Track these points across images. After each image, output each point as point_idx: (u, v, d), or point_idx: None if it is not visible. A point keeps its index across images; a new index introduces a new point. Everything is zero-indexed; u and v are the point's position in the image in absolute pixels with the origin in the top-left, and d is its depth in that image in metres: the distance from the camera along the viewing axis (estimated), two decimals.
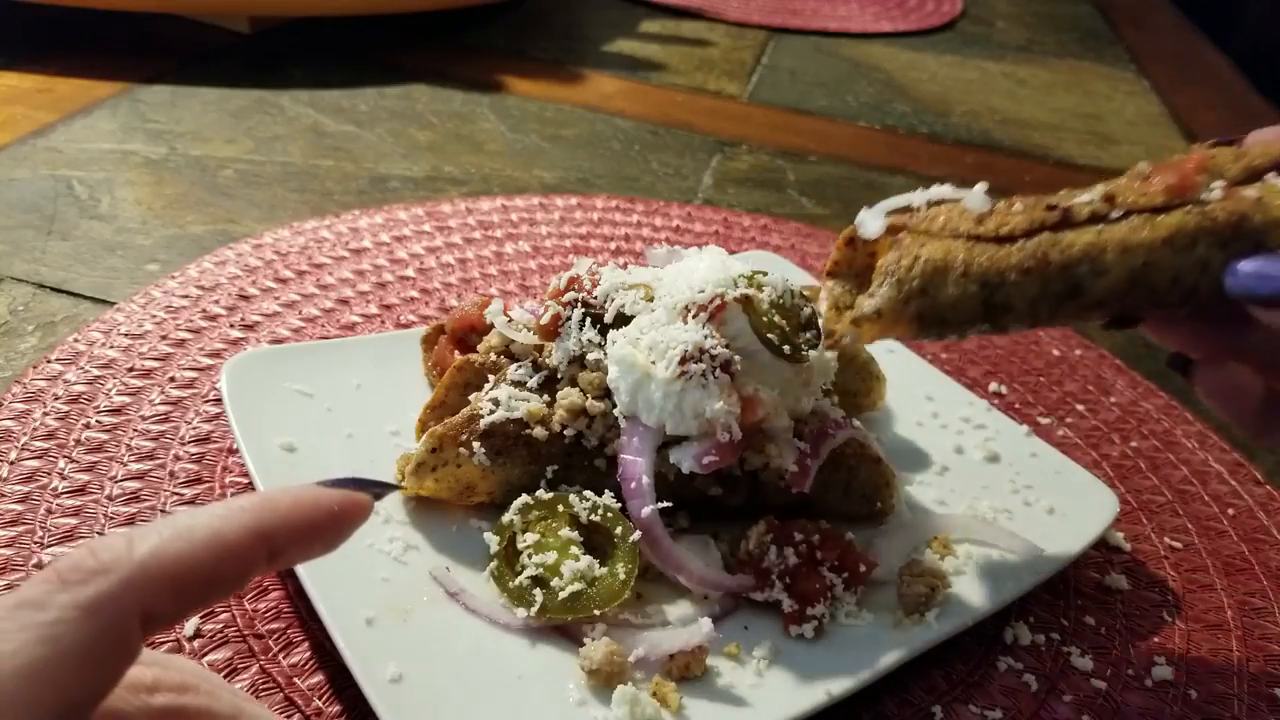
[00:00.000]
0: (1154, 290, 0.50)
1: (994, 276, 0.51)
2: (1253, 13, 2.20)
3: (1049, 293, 0.51)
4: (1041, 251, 0.51)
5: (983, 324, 0.53)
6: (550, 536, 0.61)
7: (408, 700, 0.52)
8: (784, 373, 0.64)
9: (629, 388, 0.62)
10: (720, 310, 0.62)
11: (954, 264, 0.52)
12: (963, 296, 0.52)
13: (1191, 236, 0.49)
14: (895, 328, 0.54)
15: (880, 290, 0.54)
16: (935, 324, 0.53)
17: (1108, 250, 0.50)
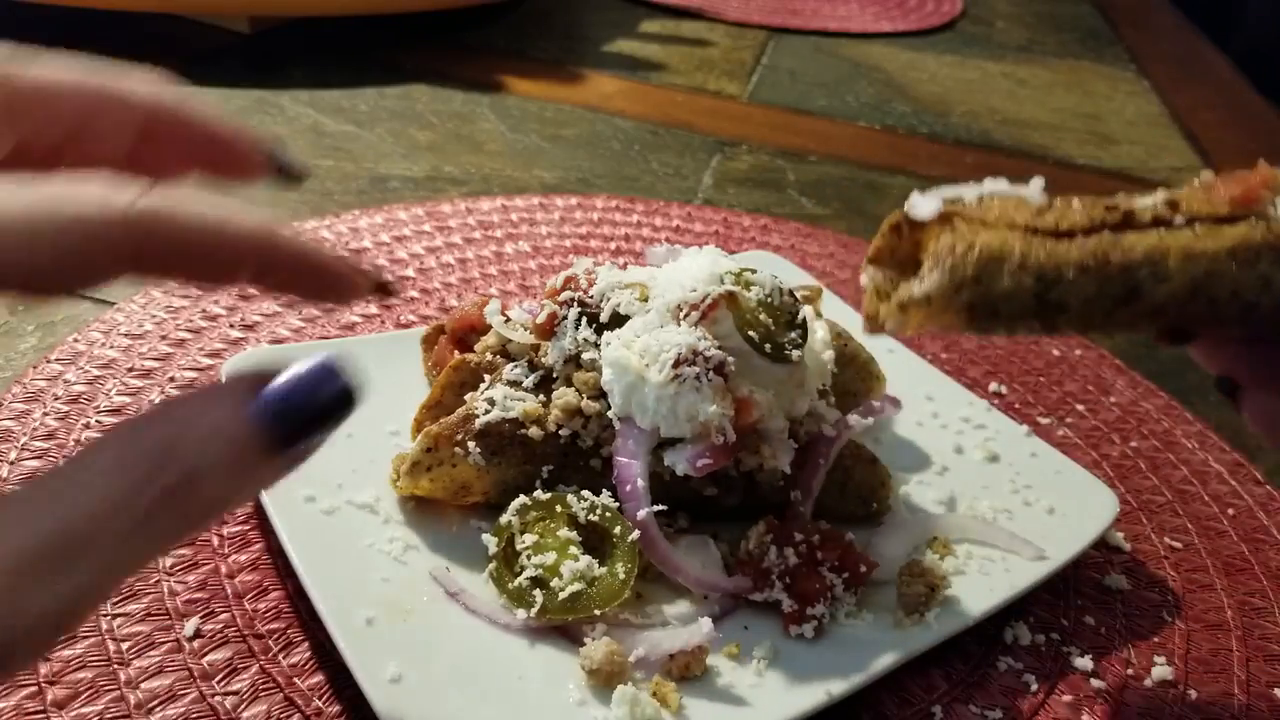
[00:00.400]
0: (1214, 302, 0.48)
1: (1051, 271, 0.49)
2: (1253, 13, 2.20)
3: (1106, 294, 0.49)
4: (1102, 250, 0.49)
5: (1034, 321, 0.51)
6: (549, 537, 0.61)
7: (408, 700, 0.52)
8: (778, 374, 0.64)
9: (623, 390, 0.62)
10: (713, 309, 0.62)
11: (1010, 254, 0.50)
12: (1017, 289, 0.50)
13: (1256, 251, 0.48)
14: (944, 316, 0.52)
15: (932, 275, 0.52)
16: (986, 316, 0.51)
17: (1170, 255, 0.48)
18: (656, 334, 0.62)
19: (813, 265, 1.06)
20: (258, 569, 0.63)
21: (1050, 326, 0.51)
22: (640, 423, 0.62)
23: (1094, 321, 0.50)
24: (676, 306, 0.63)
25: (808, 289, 0.82)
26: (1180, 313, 0.49)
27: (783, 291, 0.66)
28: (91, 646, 0.56)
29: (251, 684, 0.56)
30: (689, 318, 0.63)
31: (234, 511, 0.46)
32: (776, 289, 0.66)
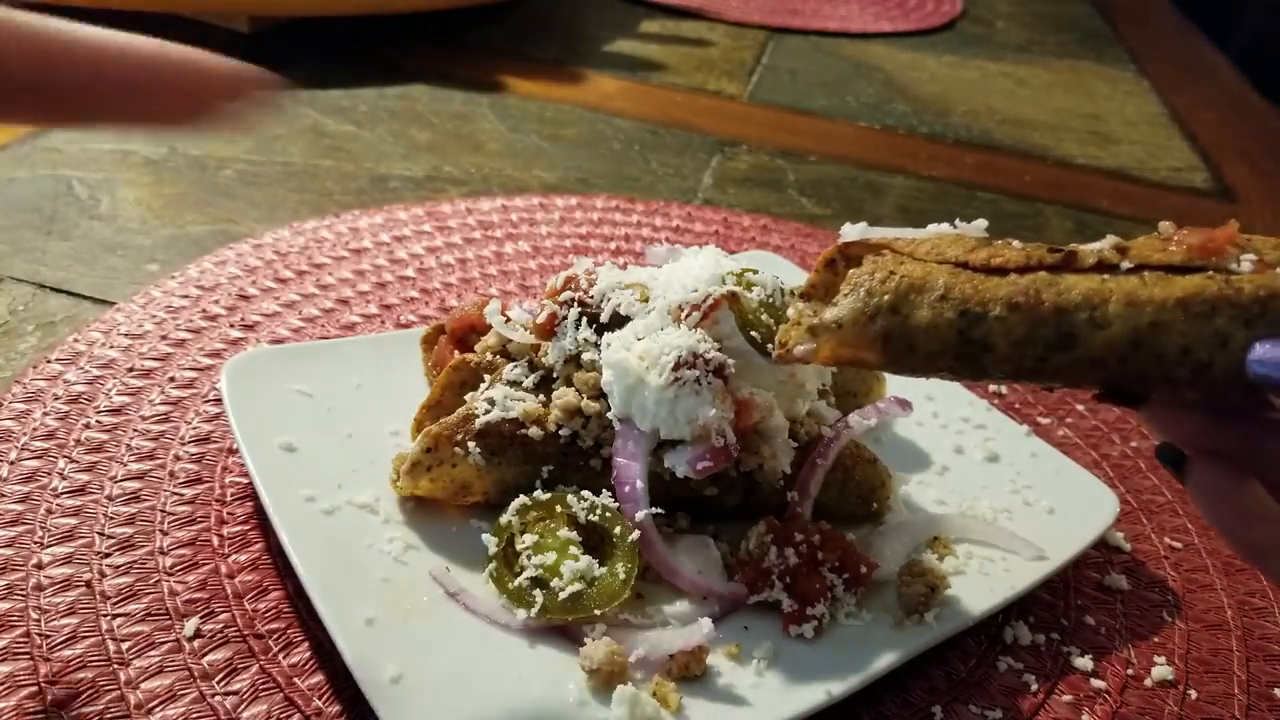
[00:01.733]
0: (1160, 358, 0.43)
1: (976, 306, 0.45)
2: (1253, 13, 2.20)
3: (1037, 337, 0.44)
4: (1035, 289, 0.45)
5: (956, 361, 0.46)
6: (549, 537, 0.61)
7: (408, 700, 0.52)
8: (777, 374, 0.64)
9: (623, 392, 0.62)
10: (714, 310, 0.62)
11: (933, 285, 0.46)
12: (937, 322, 0.46)
13: (1211, 304, 0.42)
14: (857, 347, 0.48)
15: (845, 301, 0.48)
16: (903, 350, 0.47)
17: (1111, 300, 0.44)
18: (657, 336, 0.62)
19: (812, 265, 1.05)
20: (258, 569, 0.63)
21: (976, 368, 0.46)
22: (640, 424, 0.62)
23: (1025, 367, 0.45)
24: (677, 307, 0.63)
25: None
26: (1123, 368, 0.44)
27: (784, 291, 0.66)
28: (91, 646, 0.56)
29: (251, 684, 0.56)
30: (690, 318, 0.62)
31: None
32: (778, 289, 0.66)
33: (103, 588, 0.60)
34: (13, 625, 0.57)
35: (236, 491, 0.68)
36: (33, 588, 0.59)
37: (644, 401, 0.61)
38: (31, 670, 0.55)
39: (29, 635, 0.57)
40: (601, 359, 0.64)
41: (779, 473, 0.64)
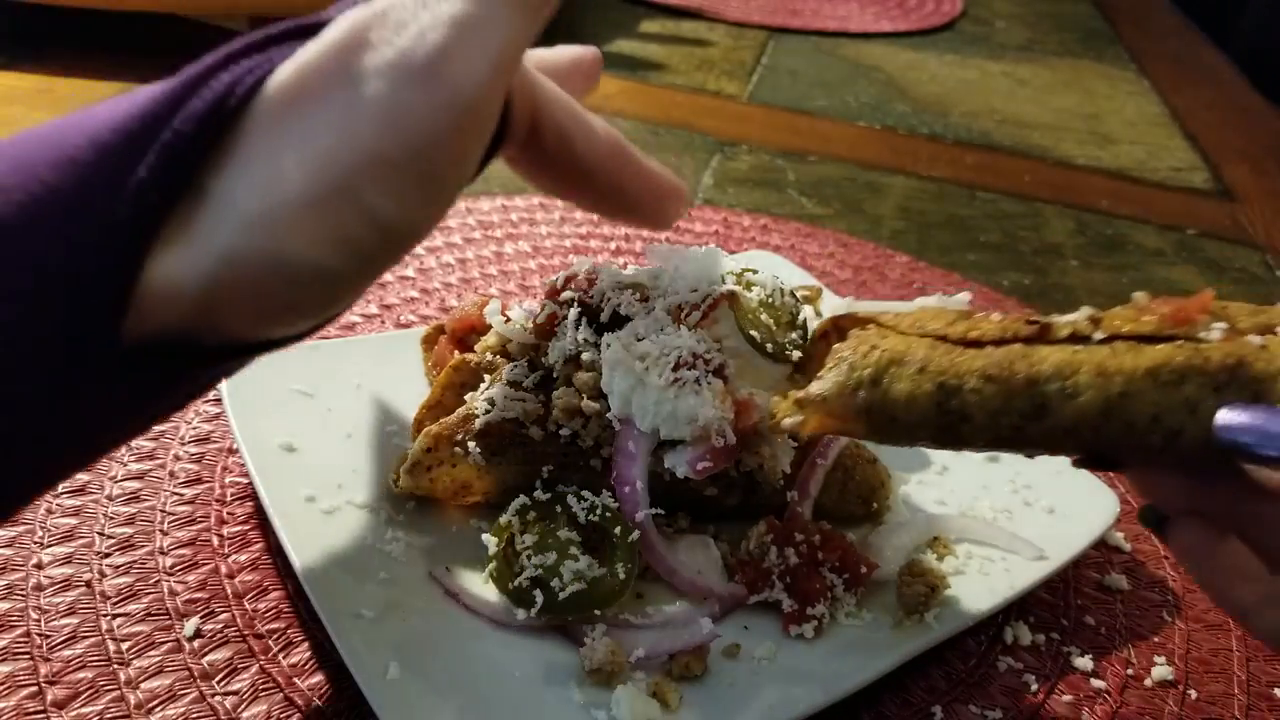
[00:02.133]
0: (1131, 427, 0.44)
1: (952, 379, 0.47)
2: (1253, 13, 2.20)
3: (1011, 408, 0.46)
4: (1009, 361, 0.46)
5: (937, 432, 0.48)
6: (549, 537, 0.61)
7: (408, 700, 0.52)
8: (778, 374, 0.64)
9: (622, 393, 0.62)
10: (714, 309, 0.62)
11: (912, 358, 0.48)
12: (915, 394, 0.47)
13: (1179, 372, 0.44)
14: (843, 419, 0.50)
15: (829, 375, 0.50)
16: (885, 422, 0.49)
17: (1082, 371, 0.45)
18: (657, 337, 0.62)
19: (813, 265, 1.06)
20: (258, 569, 0.63)
21: (956, 438, 0.48)
22: (640, 425, 0.61)
23: (1002, 436, 0.47)
24: (677, 307, 0.63)
25: (808, 289, 0.82)
26: (1096, 436, 0.45)
27: (783, 291, 0.66)
28: (91, 646, 0.56)
29: (251, 684, 0.56)
30: (689, 318, 0.62)
31: None
32: (777, 289, 0.66)
33: (103, 588, 0.60)
34: (13, 625, 0.57)
35: (236, 491, 0.68)
36: (33, 588, 0.59)
37: (644, 402, 0.61)
38: (31, 670, 0.55)
39: (29, 635, 0.57)
40: (601, 359, 0.64)
41: (779, 473, 0.64)
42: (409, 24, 0.40)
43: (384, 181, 0.39)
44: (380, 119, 0.39)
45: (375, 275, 0.44)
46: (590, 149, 0.53)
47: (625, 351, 0.61)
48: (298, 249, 0.39)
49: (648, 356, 0.60)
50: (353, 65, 0.40)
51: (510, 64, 0.43)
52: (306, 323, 0.44)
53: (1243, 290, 1.17)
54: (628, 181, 0.56)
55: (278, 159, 0.39)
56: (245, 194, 0.38)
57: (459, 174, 0.43)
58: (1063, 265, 1.17)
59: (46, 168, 0.36)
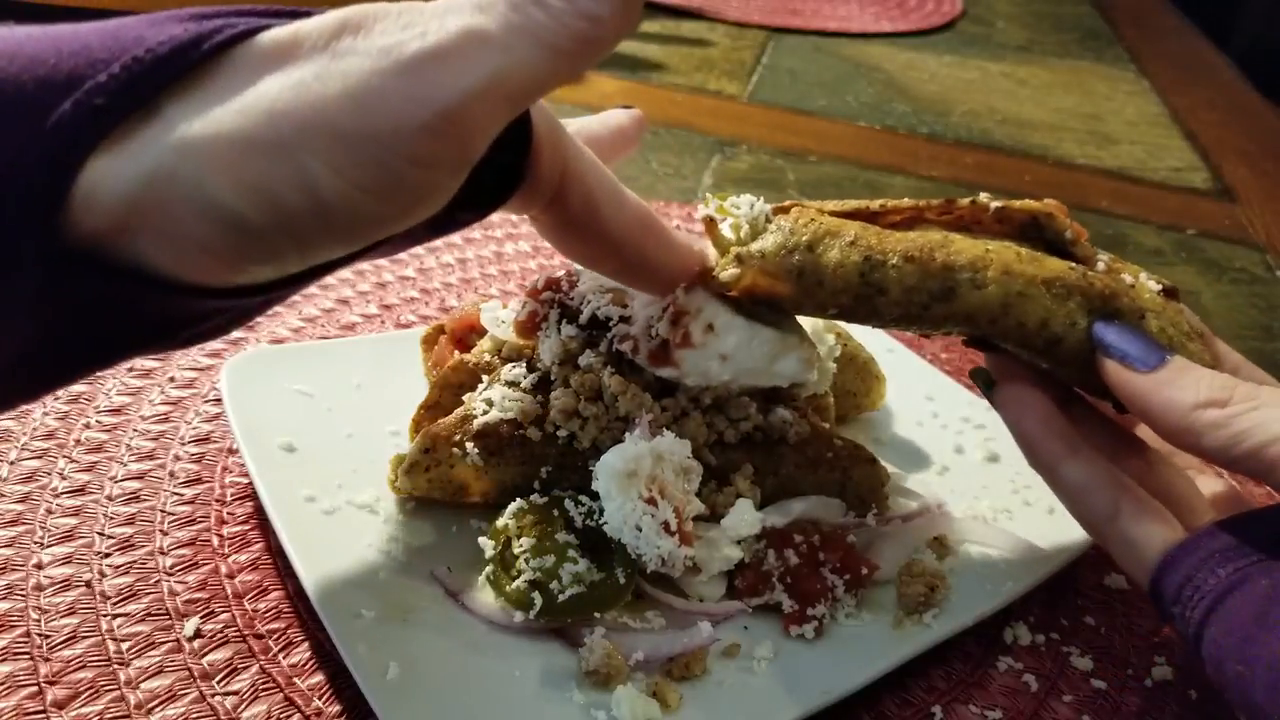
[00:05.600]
0: (1023, 326, 0.54)
1: (878, 254, 0.54)
2: (1253, 13, 2.20)
3: (924, 287, 0.54)
4: (929, 247, 0.54)
5: (854, 301, 0.55)
6: (546, 540, 0.61)
7: (408, 700, 0.52)
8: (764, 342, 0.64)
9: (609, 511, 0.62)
10: (683, 316, 0.63)
11: (845, 233, 0.55)
12: (844, 263, 0.54)
13: (1069, 288, 0.54)
14: (774, 277, 0.55)
15: (770, 236, 0.56)
16: (813, 285, 0.55)
17: (991, 267, 0.54)
18: (641, 459, 0.61)
19: None
20: (258, 569, 0.63)
21: (870, 309, 0.55)
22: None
23: (910, 313, 0.55)
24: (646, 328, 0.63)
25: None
26: (991, 328, 0.55)
27: (767, 218, 0.60)
28: (91, 646, 0.56)
29: (251, 684, 0.56)
30: (661, 322, 0.63)
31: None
32: (762, 214, 0.60)
33: (103, 588, 0.60)
34: (13, 625, 0.57)
35: (236, 491, 0.68)
36: (33, 588, 0.59)
37: (619, 514, 0.61)
38: (31, 670, 0.55)
39: (29, 635, 0.57)
40: (597, 356, 0.64)
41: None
42: (416, 24, 0.40)
43: (328, 152, 0.38)
44: (346, 92, 0.38)
45: (303, 249, 0.42)
46: (618, 221, 0.53)
47: (618, 463, 0.60)
48: (218, 186, 0.38)
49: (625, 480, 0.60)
50: (344, 40, 0.40)
51: (515, 94, 0.42)
52: (222, 273, 0.41)
53: (1243, 290, 1.17)
54: (651, 256, 0.56)
55: (233, 99, 0.38)
56: (189, 122, 0.38)
57: (422, 178, 0.41)
58: None
59: (26, 60, 0.37)
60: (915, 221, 0.58)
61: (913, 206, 0.58)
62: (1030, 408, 0.57)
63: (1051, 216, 0.58)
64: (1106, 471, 0.55)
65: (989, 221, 0.59)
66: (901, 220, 0.58)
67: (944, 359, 0.94)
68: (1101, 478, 0.55)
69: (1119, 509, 0.53)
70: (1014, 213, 0.58)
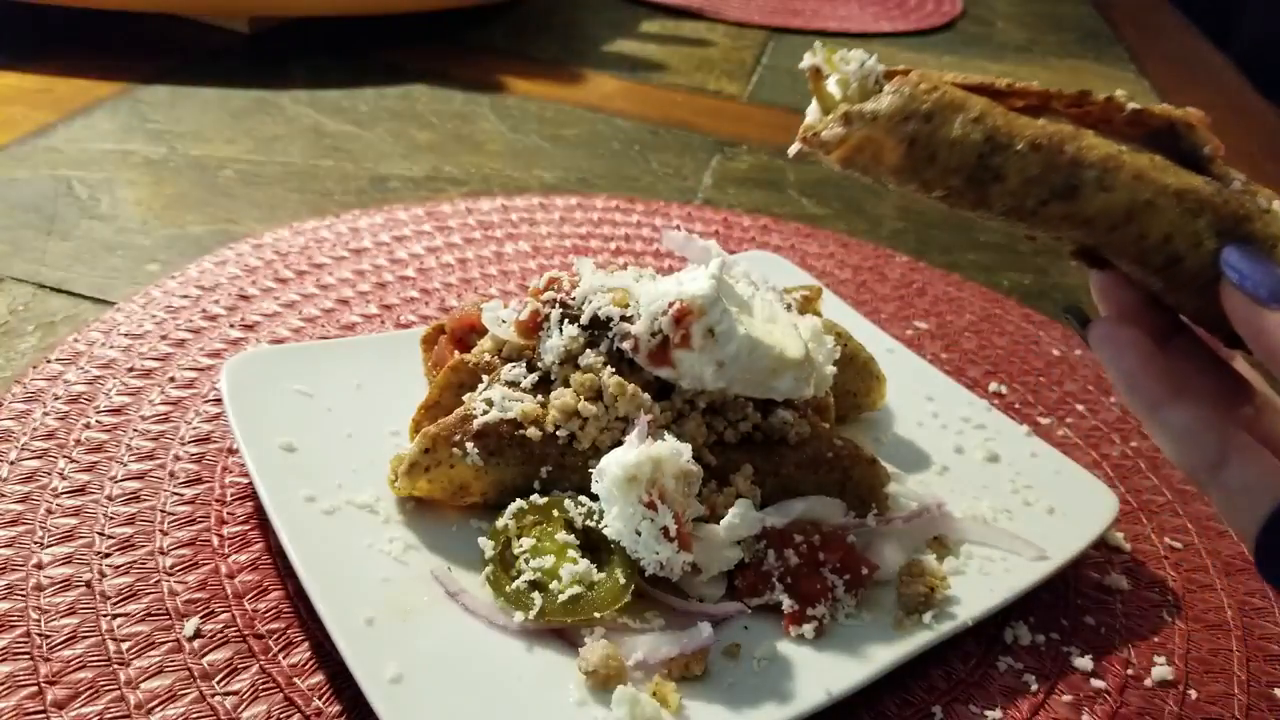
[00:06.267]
0: (1144, 239, 0.49)
1: (1003, 137, 0.48)
2: (1252, 13, 2.20)
3: (1046, 180, 0.49)
4: (1060, 137, 0.49)
5: (965, 183, 0.49)
6: (546, 540, 0.61)
7: (408, 700, 0.52)
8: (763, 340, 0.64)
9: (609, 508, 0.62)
10: (685, 318, 0.63)
11: (970, 107, 0.49)
12: (963, 140, 0.48)
13: (1201, 203, 0.48)
14: (884, 144, 0.49)
15: (888, 97, 0.49)
16: (923, 159, 0.49)
17: (1123, 170, 0.48)
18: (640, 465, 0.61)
19: (813, 265, 1.06)
20: (258, 569, 0.63)
21: (978, 196, 0.50)
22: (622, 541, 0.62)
23: (1024, 207, 0.49)
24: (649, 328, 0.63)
25: (808, 289, 0.82)
26: (1109, 237, 0.49)
27: (878, 78, 0.54)
28: (91, 646, 0.56)
29: (251, 684, 0.56)
30: (664, 320, 0.63)
31: None
32: (874, 73, 0.53)
33: (103, 588, 0.60)
34: (13, 625, 0.57)
35: (236, 491, 0.68)
36: (33, 588, 0.59)
37: (619, 519, 0.61)
38: (31, 670, 0.55)
39: (29, 635, 0.57)
40: (597, 354, 0.65)
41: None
42: None
43: None
44: None
45: None
46: None
47: (618, 468, 0.61)
48: None
49: (624, 484, 0.60)
50: None
51: None
52: None
53: None
54: None
55: None
56: None
57: None
58: (1063, 265, 1.17)
59: None
60: (1041, 110, 0.52)
61: (1042, 92, 0.52)
62: (1130, 345, 0.51)
63: (1192, 126, 0.52)
64: (1213, 415, 0.50)
65: (1120, 123, 0.53)
66: (1025, 106, 0.52)
67: (944, 359, 0.94)
68: (1207, 422, 0.50)
69: (1226, 456, 0.49)
70: (1151, 117, 0.53)
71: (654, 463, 0.59)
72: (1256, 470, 0.48)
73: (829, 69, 0.52)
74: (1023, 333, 1.00)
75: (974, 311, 1.03)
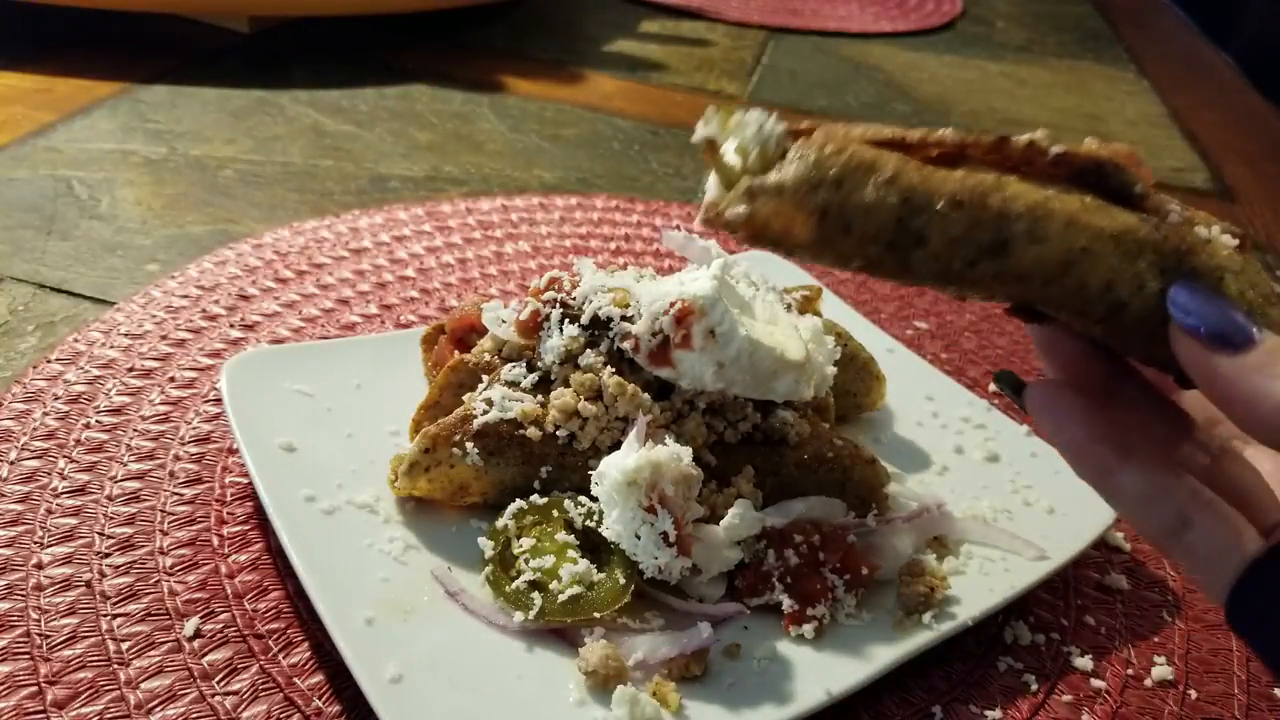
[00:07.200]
0: (1083, 289, 0.45)
1: (921, 196, 0.44)
2: (1253, 13, 2.20)
3: (973, 239, 0.44)
4: (982, 190, 0.45)
5: (886, 251, 0.45)
6: (546, 540, 0.61)
7: (408, 700, 0.52)
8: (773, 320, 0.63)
9: (608, 511, 0.62)
10: (686, 318, 0.63)
11: (882, 167, 0.45)
12: (878, 205, 0.44)
13: (1140, 244, 0.45)
14: (792, 217, 0.46)
15: (791, 166, 0.46)
16: (837, 229, 0.45)
17: (1053, 217, 0.44)
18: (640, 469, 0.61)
19: (812, 265, 1.06)
20: (258, 569, 0.63)
21: (901, 263, 0.45)
22: None
23: (951, 269, 0.45)
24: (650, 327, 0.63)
25: (808, 289, 0.82)
26: (1045, 291, 0.45)
27: (778, 139, 0.50)
28: (91, 646, 0.56)
29: (251, 684, 0.56)
30: (664, 320, 0.63)
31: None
32: (773, 136, 0.50)
33: (103, 588, 0.60)
34: (13, 625, 0.57)
35: (236, 491, 0.68)
36: (33, 588, 0.59)
37: (618, 523, 0.61)
38: (31, 670, 0.55)
39: (29, 635, 0.57)
40: (598, 355, 0.64)
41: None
42: None
43: None
44: None
45: None
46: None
47: (617, 473, 0.61)
48: None
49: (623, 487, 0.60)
50: None
51: None
52: None
53: None
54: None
55: None
56: None
57: None
58: None
59: None
60: (958, 160, 0.48)
61: (958, 142, 0.48)
62: (1069, 412, 0.49)
63: (1119, 165, 0.49)
64: (1167, 476, 0.47)
65: (1043, 166, 0.49)
66: (941, 155, 0.48)
67: (944, 359, 0.94)
68: (1163, 484, 0.47)
69: (1188, 518, 0.46)
70: (1075, 157, 0.49)
71: (653, 467, 0.59)
72: (1221, 531, 0.46)
73: (724, 136, 0.50)
74: (1023, 333, 1.00)
75: (974, 311, 1.03)
